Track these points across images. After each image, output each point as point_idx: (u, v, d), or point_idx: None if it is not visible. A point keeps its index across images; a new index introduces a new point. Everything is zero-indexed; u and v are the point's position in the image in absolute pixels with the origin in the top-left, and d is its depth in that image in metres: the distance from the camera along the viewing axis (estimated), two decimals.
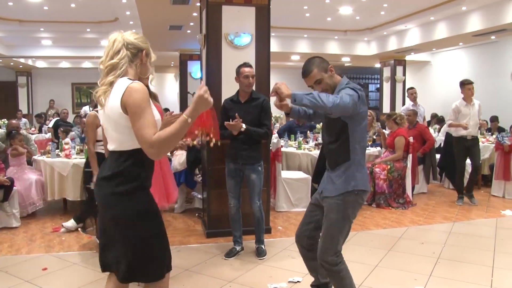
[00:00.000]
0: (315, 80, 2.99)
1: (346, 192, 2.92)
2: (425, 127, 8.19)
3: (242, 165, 4.47)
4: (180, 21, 10.04)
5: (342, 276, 2.97)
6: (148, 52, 2.35)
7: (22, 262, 4.47)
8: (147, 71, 2.38)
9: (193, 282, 3.97)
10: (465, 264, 4.38)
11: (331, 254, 2.92)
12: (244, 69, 4.37)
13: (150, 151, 2.12)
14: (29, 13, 11.11)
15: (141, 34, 2.40)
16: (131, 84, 2.17)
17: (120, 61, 2.24)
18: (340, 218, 2.93)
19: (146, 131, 2.10)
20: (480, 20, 10.04)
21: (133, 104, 2.13)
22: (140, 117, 2.12)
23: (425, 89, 16.73)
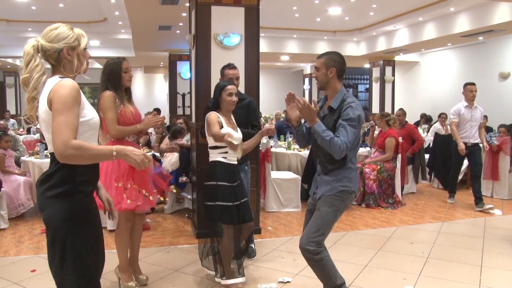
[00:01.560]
0: (316, 66, 3.13)
1: (340, 191, 3.04)
2: (414, 127, 8.25)
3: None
4: (169, 21, 10.00)
5: (324, 264, 3.03)
6: (71, 46, 2.17)
7: (10, 264, 4.43)
8: (79, 66, 2.22)
9: (183, 283, 3.95)
10: (454, 264, 4.41)
11: (313, 243, 3.00)
12: (228, 71, 4.33)
13: (63, 152, 1.97)
14: (16, 12, 11.01)
15: (66, 27, 2.20)
16: (60, 81, 2.07)
17: (31, 74, 2.10)
18: (331, 211, 3.04)
19: (66, 131, 1.98)
20: (468, 21, 10.13)
21: (57, 99, 2.01)
22: (62, 114, 2.00)
23: (414, 90, 16.86)
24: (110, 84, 3.63)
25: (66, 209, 2.09)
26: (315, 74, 3.16)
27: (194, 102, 5.37)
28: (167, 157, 6.47)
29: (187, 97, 13.52)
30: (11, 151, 6.50)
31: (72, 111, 2.03)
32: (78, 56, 2.21)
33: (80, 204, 2.15)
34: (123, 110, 3.61)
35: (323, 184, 3.11)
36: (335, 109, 3.04)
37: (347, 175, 3.06)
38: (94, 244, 2.22)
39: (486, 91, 13.08)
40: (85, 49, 2.25)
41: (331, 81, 3.09)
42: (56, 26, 2.19)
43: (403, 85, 17.11)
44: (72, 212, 2.11)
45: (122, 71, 3.65)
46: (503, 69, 12.69)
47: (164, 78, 20.60)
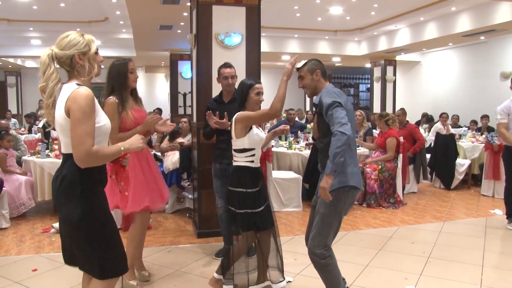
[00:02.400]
0: (300, 75, 3.24)
1: (337, 188, 2.99)
2: (415, 127, 8.24)
3: (227, 165, 4.44)
4: (170, 21, 10.01)
5: (329, 270, 3.06)
6: (82, 52, 2.32)
7: (11, 263, 4.44)
8: (91, 70, 2.36)
9: (184, 282, 3.96)
10: (455, 263, 4.41)
11: (320, 247, 3.02)
12: (224, 70, 4.37)
13: (85, 159, 2.18)
14: (17, 12, 11.02)
15: (77, 33, 2.35)
16: (77, 89, 2.22)
17: (47, 82, 2.27)
18: (330, 212, 3.03)
19: (87, 139, 2.17)
20: (470, 20, 10.12)
21: (77, 109, 2.17)
22: (83, 123, 2.17)
23: (415, 89, 16.85)
24: (116, 84, 3.64)
25: (79, 208, 2.25)
26: (301, 84, 3.23)
27: (195, 102, 5.37)
28: (168, 156, 6.47)
29: (188, 96, 13.52)
30: (12, 150, 6.51)
31: (91, 120, 2.21)
32: (89, 61, 2.35)
33: (96, 203, 2.34)
34: (124, 118, 3.61)
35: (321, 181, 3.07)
36: (317, 104, 3.13)
37: (345, 170, 3.00)
38: (107, 241, 2.37)
39: (487, 91, 13.10)
40: (96, 53, 2.38)
41: (318, 84, 3.18)
42: (68, 34, 2.33)
43: (404, 85, 17.10)
44: (86, 212, 2.27)
45: (129, 71, 3.67)
46: (505, 68, 12.67)
47: (165, 77, 20.60)
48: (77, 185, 2.26)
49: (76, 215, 2.25)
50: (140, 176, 3.66)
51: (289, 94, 14.02)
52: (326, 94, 3.05)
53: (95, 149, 2.19)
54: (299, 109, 13.34)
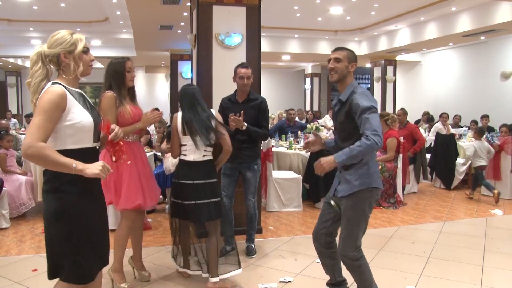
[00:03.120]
0: (338, 57, 3.07)
1: (361, 190, 3.02)
2: (415, 127, 8.24)
3: (239, 163, 4.47)
4: (171, 21, 10.01)
5: (362, 271, 3.10)
6: (68, 51, 2.33)
7: (12, 263, 4.44)
8: (76, 68, 2.36)
9: (184, 282, 3.95)
10: (456, 263, 4.41)
11: (352, 249, 3.05)
12: (240, 70, 4.37)
13: (26, 150, 2.13)
14: (18, 12, 11.03)
15: (66, 32, 2.37)
16: (48, 87, 2.26)
17: (31, 79, 2.30)
18: (357, 214, 3.06)
19: (35, 132, 2.14)
20: (470, 20, 10.12)
21: (38, 103, 2.21)
22: (37, 116, 2.17)
23: (416, 89, 16.85)
24: (113, 83, 3.65)
25: (53, 205, 2.28)
26: (333, 65, 3.06)
27: None
28: (168, 157, 6.46)
29: None
30: (12, 150, 6.51)
31: (47, 115, 2.18)
32: (75, 59, 2.35)
33: (66, 201, 2.29)
34: (121, 111, 3.61)
35: (344, 182, 3.10)
36: (345, 101, 3.06)
37: (366, 171, 3.03)
38: (86, 239, 2.33)
39: (488, 91, 13.10)
40: (85, 53, 2.39)
41: (348, 76, 3.09)
42: (57, 33, 2.35)
43: (405, 85, 17.10)
44: (58, 209, 2.27)
45: (126, 70, 3.67)
46: (505, 68, 12.67)
47: (166, 77, 20.60)
48: (53, 181, 2.27)
49: (52, 212, 2.28)
50: (135, 174, 3.65)
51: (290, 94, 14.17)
52: (361, 96, 2.97)
53: (40, 146, 2.13)
54: (299, 109, 13.34)
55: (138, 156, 3.73)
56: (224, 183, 4.56)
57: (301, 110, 13.95)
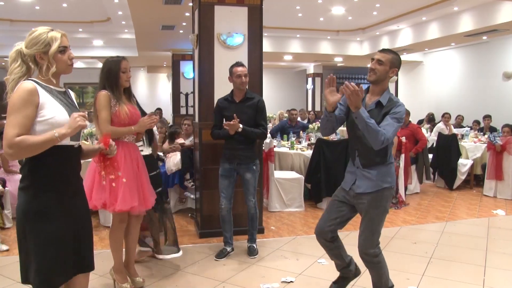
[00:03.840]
0: (380, 60, 3.05)
1: (384, 188, 3.09)
2: (417, 127, 8.23)
3: (237, 164, 4.46)
4: (173, 21, 10.02)
5: (381, 266, 3.17)
6: (43, 52, 2.26)
7: (14, 263, 4.41)
8: (49, 68, 2.28)
9: (186, 282, 3.95)
10: (458, 264, 4.40)
11: (373, 246, 3.12)
12: (236, 69, 4.35)
13: (8, 151, 2.12)
14: (20, 12, 11.04)
15: (43, 30, 2.29)
16: (18, 85, 2.22)
17: (10, 75, 2.28)
18: (380, 212, 3.12)
19: (9, 129, 2.12)
20: (472, 20, 10.11)
21: (9, 101, 2.19)
22: (9, 115, 2.15)
23: (417, 89, 16.82)
24: (107, 83, 3.56)
25: (26, 202, 2.24)
26: (374, 66, 3.06)
27: (197, 102, 5.37)
28: (169, 157, 6.47)
29: (190, 96, 13.53)
30: None
31: (19, 113, 2.15)
32: (49, 59, 2.28)
33: (40, 200, 2.24)
34: (118, 111, 3.52)
35: (364, 179, 3.11)
36: (384, 105, 3.06)
37: (387, 170, 3.12)
38: (52, 242, 2.24)
39: (490, 91, 13.07)
40: (62, 52, 2.29)
41: (386, 80, 3.11)
42: (34, 31, 2.30)
43: (407, 85, 17.08)
44: (30, 207, 2.23)
45: (121, 70, 3.57)
46: (507, 68, 12.63)
47: (167, 77, 20.61)
48: (28, 179, 2.25)
49: (24, 211, 2.24)
50: (131, 177, 3.53)
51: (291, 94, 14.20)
52: (403, 108, 3.06)
53: (18, 140, 2.11)
54: (301, 109, 13.34)
55: (134, 157, 3.61)
56: (223, 185, 4.54)
57: (303, 110, 13.96)
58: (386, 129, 2.91)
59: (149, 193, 3.70)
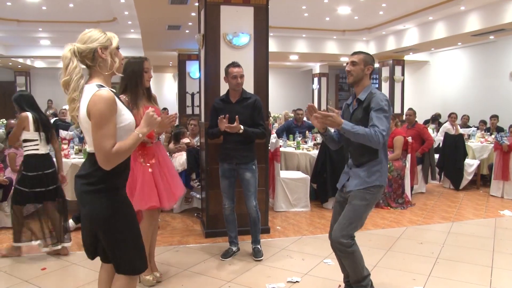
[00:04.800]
0: (354, 61, 3.24)
1: (372, 186, 3.16)
2: (423, 127, 8.21)
3: (236, 164, 4.44)
4: (179, 21, 10.03)
5: (355, 256, 3.20)
6: (104, 46, 2.33)
7: (21, 262, 4.47)
8: (113, 64, 2.36)
9: (192, 282, 3.96)
10: (464, 264, 4.38)
11: (347, 236, 3.15)
12: (232, 69, 4.33)
13: (105, 161, 2.21)
14: (27, 13, 11.09)
15: (97, 30, 2.38)
16: (97, 92, 2.22)
17: (71, 75, 2.25)
18: (363, 205, 3.17)
19: (106, 142, 2.18)
20: (479, 20, 10.05)
21: (96, 113, 2.19)
22: (102, 127, 2.18)
23: (424, 89, 16.76)
24: (130, 83, 3.66)
25: (106, 204, 2.30)
26: (349, 68, 3.24)
27: (203, 102, 5.38)
28: (175, 157, 6.49)
29: (196, 96, 13.55)
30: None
31: (110, 122, 2.21)
32: (111, 55, 2.35)
33: (119, 200, 2.39)
34: (135, 116, 3.57)
35: (354, 178, 3.21)
36: (363, 100, 3.18)
37: (379, 169, 3.18)
38: (134, 238, 2.42)
39: (497, 91, 13.01)
40: (118, 49, 2.41)
41: (364, 78, 3.25)
42: (89, 31, 2.36)
43: (413, 85, 17.02)
44: (112, 208, 2.31)
45: (144, 70, 3.69)
46: None
47: (173, 77, 20.65)
48: (102, 183, 2.29)
49: (105, 210, 2.30)
50: (149, 174, 3.64)
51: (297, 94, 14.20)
52: (383, 97, 3.14)
53: (115, 150, 2.21)
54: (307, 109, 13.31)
55: (155, 156, 3.74)
56: (224, 186, 4.54)
57: None
58: (376, 125, 3.02)
59: (176, 186, 3.86)
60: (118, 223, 2.34)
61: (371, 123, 3.05)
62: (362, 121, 3.14)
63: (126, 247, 2.37)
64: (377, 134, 2.98)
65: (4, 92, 18.57)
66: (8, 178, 5.62)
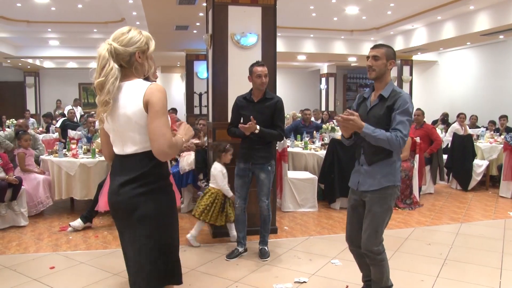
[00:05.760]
0: (376, 55, 3.10)
1: (389, 186, 3.09)
2: (432, 127, 8.16)
3: (252, 164, 4.45)
4: (186, 21, 10.06)
5: (384, 264, 3.17)
6: (142, 50, 2.27)
7: (30, 261, 4.50)
8: (149, 68, 2.33)
9: (199, 282, 3.97)
10: (473, 266, 4.35)
11: (377, 244, 3.11)
12: (256, 68, 4.34)
13: (167, 150, 2.14)
14: (36, 14, 11.17)
15: (135, 30, 2.29)
16: (151, 85, 2.19)
17: (106, 77, 2.17)
18: (384, 210, 3.12)
19: (167, 130, 2.15)
20: (488, 19, 9.98)
21: (157, 102, 2.14)
22: (163, 115, 2.15)
23: (432, 89, 16.67)
24: None
25: (163, 202, 2.28)
26: (371, 63, 3.10)
27: (211, 102, 5.39)
28: (183, 157, 6.50)
29: (203, 96, 13.57)
30: (31, 150, 6.60)
31: (167, 113, 2.21)
32: (147, 59, 2.31)
33: (172, 196, 2.37)
34: None
35: (367, 176, 3.13)
36: (387, 97, 3.07)
37: (393, 169, 3.11)
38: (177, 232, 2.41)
39: (507, 91, 12.90)
40: None
41: (386, 73, 3.13)
42: (127, 30, 2.27)
43: (421, 85, 16.93)
44: (169, 204, 2.31)
45: None
46: None
47: (181, 77, 20.70)
48: (160, 180, 2.28)
49: (165, 208, 2.28)
50: None
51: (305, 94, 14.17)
52: (409, 99, 3.06)
53: (174, 140, 2.20)
54: (315, 110, 13.30)
55: None
56: (237, 184, 4.55)
57: (317, 110, 13.90)
58: (399, 129, 2.93)
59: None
60: (176, 219, 2.35)
61: (394, 125, 2.96)
62: (381, 118, 3.05)
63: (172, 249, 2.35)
64: (398, 139, 2.90)
65: (13, 92, 18.74)
66: (17, 178, 5.67)
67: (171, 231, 2.32)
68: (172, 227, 2.32)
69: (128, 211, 2.23)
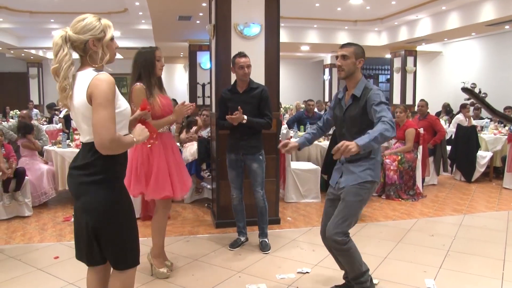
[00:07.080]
0: (345, 55, 3.12)
1: (365, 181, 3.09)
2: (435, 118, 8.13)
3: (243, 155, 4.44)
4: (189, 11, 10.02)
5: (352, 253, 3.12)
6: (98, 38, 2.21)
7: (34, 251, 4.52)
8: (103, 56, 2.25)
9: (202, 272, 3.98)
10: (476, 257, 4.35)
11: (341, 234, 3.07)
12: (239, 60, 4.30)
13: (107, 145, 2.11)
14: (39, 4, 11.17)
15: (94, 17, 2.23)
16: (97, 75, 2.15)
17: (60, 63, 2.17)
18: (357, 201, 3.10)
19: (110, 124, 2.10)
20: (494, 9, 9.90)
21: (99, 94, 2.10)
22: (106, 109, 2.10)
23: (436, 80, 16.60)
24: (143, 72, 3.68)
25: (106, 195, 2.24)
26: (340, 62, 3.13)
27: (214, 92, 5.38)
28: (186, 147, 6.50)
29: (207, 87, 13.56)
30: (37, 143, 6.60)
31: (113, 106, 2.14)
32: (103, 47, 2.26)
33: (119, 190, 2.33)
34: (152, 104, 3.63)
35: (347, 173, 3.14)
36: (359, 96, 3.10)
37: (372, 164, 3.10)
38: (134, 229, 2.39)
39: (511, 83, 12.83)
40: (112, 40, 2.29)
41: (356, 71, 3.14)
42: (84, 17, 2.23)
43: (425, 76, 16.87)
44: (112, 198, 2.26)
45: (156, 59, 3.71)
46: None
47: (184, 68, 20.68)
48: (102, 173, 2.23)
49: (107, 202, 2.23)
50: (164, 165, 3.70)
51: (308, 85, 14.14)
52: (379, 92, 3.06)
53: (118, 136, 2.15)
54: (318, 101, 13.28)
55: (169, 147, 3.80)
56: (231, 176, 4.55)
57: (320, 101, 13.88)
58: (383, 115, 2.90)
59: (187, 177, 3.94)
60: (119, 215, 2.28)
61: (376, 115, 2.94)
62: (357, 119, 3.08)
63: (127, 240, 2.32)
64: (388, 122, 2.85)
65: (17, 83, 18.77)
66: (21, 168, 5.69)
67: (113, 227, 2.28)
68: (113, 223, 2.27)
69: (75, 195, 2.31)
